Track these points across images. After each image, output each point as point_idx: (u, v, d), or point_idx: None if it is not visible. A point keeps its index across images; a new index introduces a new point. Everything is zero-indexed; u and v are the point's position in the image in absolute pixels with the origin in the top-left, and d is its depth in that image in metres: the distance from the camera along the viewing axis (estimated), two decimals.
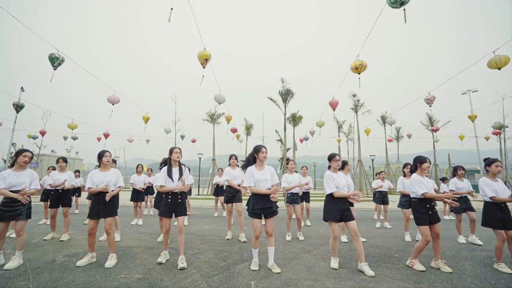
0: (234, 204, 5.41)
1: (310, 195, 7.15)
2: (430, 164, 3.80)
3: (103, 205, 3.69)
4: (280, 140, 29.09)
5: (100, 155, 3.88)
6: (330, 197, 3.65)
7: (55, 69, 6.69)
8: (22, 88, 20.44)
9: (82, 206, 9.66)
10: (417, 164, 3.76)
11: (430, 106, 10.66)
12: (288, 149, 27.99)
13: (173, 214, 3.66)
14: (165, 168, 3.77)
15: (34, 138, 17.57)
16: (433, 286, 3.01)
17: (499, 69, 5.67)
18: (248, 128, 26.80)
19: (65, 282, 2.97)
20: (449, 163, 31.32)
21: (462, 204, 5.24)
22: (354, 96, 22.52)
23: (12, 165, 3.77)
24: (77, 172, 8.80)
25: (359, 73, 6.61)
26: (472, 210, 5.19)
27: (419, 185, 3.57)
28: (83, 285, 2.90)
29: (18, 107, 13.21)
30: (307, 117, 24.85)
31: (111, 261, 3.55)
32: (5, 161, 27.39)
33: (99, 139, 17.87)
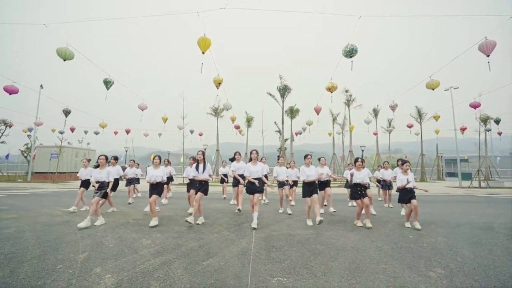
0: (239, 186, 7.56)
1: (299, 182, 9.29)
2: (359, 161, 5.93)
3: (153, 189, 5.80)
4: (279, 131, 31.10)
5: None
6: (303, 182, 5.83)
7: (108, 90, 8.65)
8: (41, 85, 22.37)
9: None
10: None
11: (393, 112, 12.59)
12: (286, 139, 30.16)
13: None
14: (195, 164, 5.90)
15: (61, 133, 19.68)
16: (360, 233, 5.16)
17: (433, 89, 7.61)
18: (249, 121, 28.74)
19: (145, 230, 5.14)
20: (436, 153, 33.48)
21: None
22: (346, 91, 24.41)
23: (97, 166, 5.91)
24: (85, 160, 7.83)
25: (331, 92, 8.57)
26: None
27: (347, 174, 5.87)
28: (157, 231, 5.07)
29: (67, 113, 15.17)
30: (306, 103, 26.76)
31: (153, 222, 5.60)
32: (22, 152, 29.53)
33: (116, 132, 19.90)
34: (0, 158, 32.34)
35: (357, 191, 5.77)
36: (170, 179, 10.42)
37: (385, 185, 8.70)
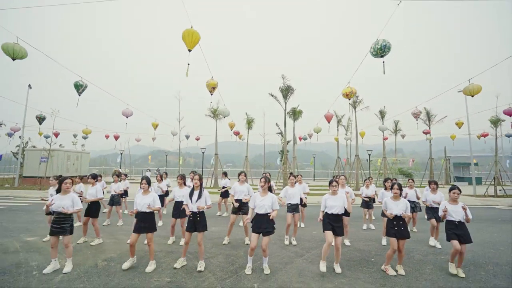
0: (241, 215, 6.32)
1: (310, 187, 8.11)
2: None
3: (143, 222, 4.54)
4: (281, 133, 29.83)
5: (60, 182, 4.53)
6: (326, 214, 4.60)
7: (79, 95, 7.38)
8: (29, 85, 21.11)
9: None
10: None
11: (417, 120, 11.30)
12: (288, 141, 28.86)
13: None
14: (188, 190, 4.67)
15: (47, 137, 18.43)
16: None
17: (472, 96, 6.37)
18: (249, 122, 27.44)
19: (113, 285, 3.91)
20: (445, 155, 32.17)
21: (434, 213, 6.17)
22: None
23: (58, 191, 4.59)
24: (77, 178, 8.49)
25: (349, 99, 7.30)
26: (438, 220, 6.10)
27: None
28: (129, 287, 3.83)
29: (41, 119, 13.98)
30: (309, 110, 25.53)
31: (150, 267, 4.47)
32: (14, 154, 28.36)
33: (107, 136, 18.69)
34: None
35: (393, 226, 4.51)
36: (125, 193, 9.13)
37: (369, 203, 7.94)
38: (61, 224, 4.40)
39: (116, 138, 17.96)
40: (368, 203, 7.98)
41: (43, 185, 20.08)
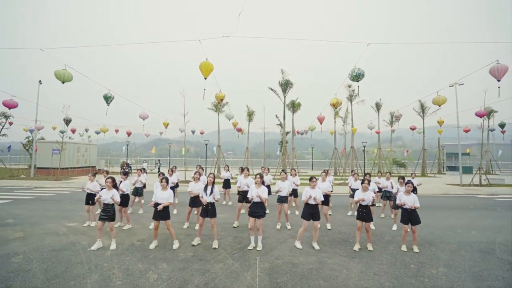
0: (244, 203, 7.65)
1: (308, 177, 9.48)
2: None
3: (162, 212, 5.81)
4: (280, 125, 30.93)
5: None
6: (305, 203, 5.85)
7: (108, 105, 8.53)
8: (40, 81, 22.07)
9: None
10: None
11: (398, 122, 12.44)
12: (288, 132, 30.06)
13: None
14: (200, 185, 5.95)
15: (62, 132, 19.65)
16: (362, 261, 5.24)
17: (439, 106, 7.48)
18: (250, 115, 28.48)
19: (151, 258, 5.22)
20: (438, 146, 33.37)
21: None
22: (349, 86, 23.99)
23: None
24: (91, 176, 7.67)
25: (336, 108, 8.38)
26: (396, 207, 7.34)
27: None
28: (163, 259, 5.15)
29: (68, 122, 15.28)
30: (308, 103, 26.52)
31: (176, 245, 5.79)
32: (24, 145, 29.64)
33: (116, 131, 19.87)
34: (1, 151, 32.46)
35: (359, 211, 5.82)
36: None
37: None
38: (107, 212, 5.69)
39: (129, 134, 19.19)
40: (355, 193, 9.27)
41: (57, 176, 21.47)
